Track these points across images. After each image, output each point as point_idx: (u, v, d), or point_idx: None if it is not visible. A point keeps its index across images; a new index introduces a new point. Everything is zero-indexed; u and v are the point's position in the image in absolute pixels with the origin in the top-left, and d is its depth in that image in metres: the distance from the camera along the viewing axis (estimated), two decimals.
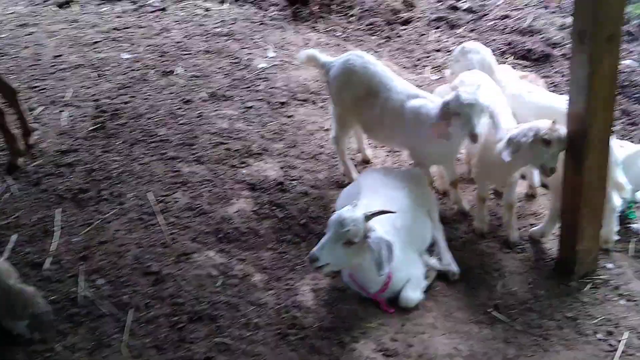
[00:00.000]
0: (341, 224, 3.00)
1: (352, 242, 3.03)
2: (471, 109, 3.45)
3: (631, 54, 6.82)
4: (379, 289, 3.29)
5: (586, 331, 3.29)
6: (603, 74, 3.07)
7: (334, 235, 3.01)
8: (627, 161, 3.92)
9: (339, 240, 3.02)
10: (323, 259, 2.99)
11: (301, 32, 7.16)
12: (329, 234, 3.03)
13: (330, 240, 3.02)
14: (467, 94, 3.49)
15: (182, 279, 3.40)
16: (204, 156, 4.49)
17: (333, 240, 3.02)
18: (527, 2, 8.70)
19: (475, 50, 4.43)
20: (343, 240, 3.02)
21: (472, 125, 3.45)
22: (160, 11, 7.48)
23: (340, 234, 3.00)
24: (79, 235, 3.77)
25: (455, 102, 3.49)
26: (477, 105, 3.46)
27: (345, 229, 2.99)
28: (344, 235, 3.00)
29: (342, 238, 3.01)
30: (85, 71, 5.82)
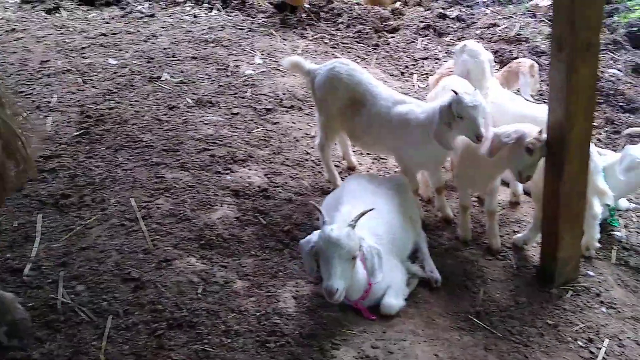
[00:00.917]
0: (339, 245, 2.93)
1: (355, 257, 3.01)
2: (475, 111, 3.43)
3: (617, 63, 6.88)
4: (359, 297, 3.28)
5: (567, 338, 3.30)
6: (582, 81, 3.09)
7: (338, 258, 2.94)
8: (608, 169, 3.94)
9: (345, 260, 2.96)
10: (340, 286, 2.93)
11: (289, 39, 7.18)
12: (332, 260, 2.93)
13: (337, 264, 2.93)
14: (469, 96, 3.48)
15: (162, 285, 3.37)
16: (188, 162, 4.48)
17: (339, 263, 2.94)
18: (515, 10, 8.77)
19: (474, 52, 4.44)
20: (349, 259, 2.98)
21: (477, 126, 3.42)
22: (148, 17, 7.48)
23: (344, 254, 2.94)
24: (59, 241, 3.74)
25: (458, 105, 3.47)
26: (480, 106, 3.46)
27: (346, 248, 2.94)
28: (348, 254, 2.96)
29: (346, 257, 2.96)
30: (71, 77, 5.81)
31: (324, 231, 3.00)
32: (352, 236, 2.99)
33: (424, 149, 3.84)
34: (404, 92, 6.02)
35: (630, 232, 4.21)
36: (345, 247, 2.94)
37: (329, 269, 2.95)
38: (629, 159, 3.85)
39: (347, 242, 2.95)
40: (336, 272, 2.93)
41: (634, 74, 6.68)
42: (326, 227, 3.02)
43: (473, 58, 4.40)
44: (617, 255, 3.97)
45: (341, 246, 2.94)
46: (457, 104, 3.46)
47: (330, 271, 2.94)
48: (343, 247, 2.94)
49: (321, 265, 3.04)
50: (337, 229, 2.98)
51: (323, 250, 2.98)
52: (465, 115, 3.44)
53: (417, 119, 3.80)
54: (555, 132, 3.31)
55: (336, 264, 2.94)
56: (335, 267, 2.93)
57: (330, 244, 2.94)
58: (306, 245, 3.13)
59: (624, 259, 3.96)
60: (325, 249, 2.96)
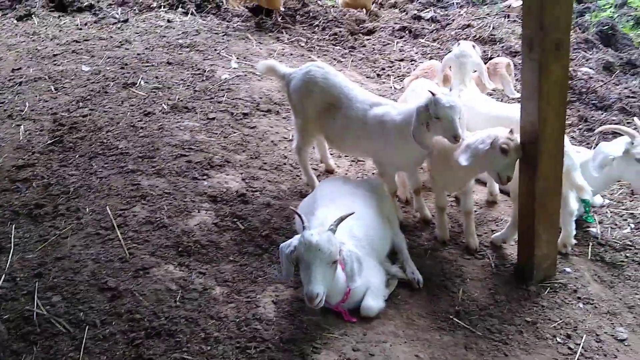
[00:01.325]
0: (319, 249, 2.91)
1: (335, 261, 3.00)
2: (451, 111, 3.45)
3: (589, 62, 6.98)
4: (339, 300, 3.27)
5: (545, 335, 3.32)
6: (553, 80, 3.13)
7: (319, 263, 2.92)
8: (582, 166, 3.99)
9: (326, 265, 2.95)
10: (321, 291, 2.91)
11: (265, 43, 7.17)
12: (313, 265, 2.92)
13: (318, 269, 2.92)
14: (445, 96, 3.50)
15: (140, 294, 3.33)
16: (164, 169, 4.44)
17: (320, 268, 2.92)
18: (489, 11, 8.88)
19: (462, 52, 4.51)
20: (329, 264, 2.96)
21: (454, 127, 3.45)
22: (122, 23, 7.41)
23: (324, 258, 2.93)
24: (34, 251, 3.68)
25: (436, 106, 3.48)
26: (457, 106, 3.48)
27: (326, 253, 2.93)
28: (329, 258, 2.95)
29: (327, 261, 2.94)
30: (43, 84, 5.73)
31: (304, 236, 2.97)
32: (332, 241, 2.98)
33: (401, 150, 3.86)
34: (380, 94, 6.06)
35: (605, 228, 4.27)
36: (326, 252, 2.93)
37: (309, 274, 2.93)
38: (602, 156, 3.90)
39: (327, 247, 2.93)
40: (316, 277, 2.91)
41: (606, 72, 6.80)
42: (306, 232, 3.00)
43: (458, 58, 4.45)
44: (593, 251, 4.02)
45: (322, 251, 2.92)
46: (434, 105, 3.48)
47: (310, 276, 2.92)
48: (324, 252, 2.93)
49: (301, 270, 3.02)
50: (318, 234, 2.96)
51: (303, 255, 2.95)
52: (442, 115, 3.46)
53: (393, 120, 3.81)
54: (528, 131, 3.35)
55: (317, 269, 2.92)
56: (315, 272, 2.91)
57: (311, 249, 2.93)
58: (286, 249, 3.11)
59: (599, 254, 4.01)
60: (305, 254, 2.94)
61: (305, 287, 2.94)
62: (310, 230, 3.00)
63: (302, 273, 3.01)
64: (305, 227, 3.05)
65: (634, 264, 3.93)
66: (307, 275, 2.95)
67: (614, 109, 5.90)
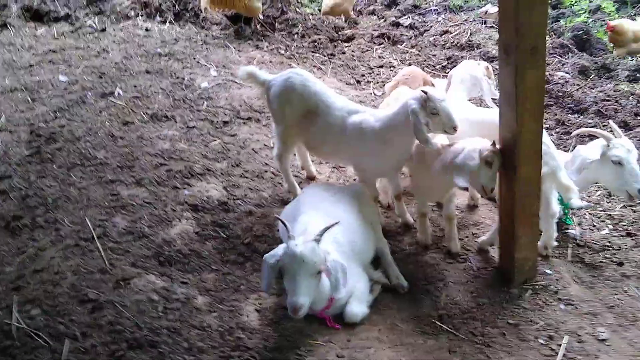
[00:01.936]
0: (304, 260, 2.91)
1: (320, 271, 3.00)
2: (446, 103, 3.56)
3: (564, 66, 7.09)
4: (323, 306, 3.27)
5: (528, 337, 3.35)
6: (529, 85, 3.17)
7: (304, 273, 2.92)
8: None
9: (310, 275, 2.95)
10: (305, 301, 2.91)
11: (244, 51, 7.16)
12: (297, 275, 2.92)
13: (303, 280, 2.92)
14: (437, 92, 3.60)
15: (121, 305, 3.28)
16: (144, 178, 4.39)
17: (305, 279, 2.92)
18: (466, 17, 8.98)
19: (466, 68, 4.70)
20: (314, 274, 2.96)
21: (453, 118, 3.54)
22: (99, 32, 7.35)
23: (309, 269, 2.93)
24: (12, 264, 3.62)
25: (433, 102, 3.53)
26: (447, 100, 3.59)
27: (311, 264, 2.93)
28: (313, 268, 2.95)
29: (312, 272, 2.95)
30: (20, 95, 5.65)
31: (289, 247, 2.97)
32: (317, 251, 2.98)
33: (380, 156, 3.88)
34: (360, 101, 6.10)
35: (584, 229, 4.32)
36: (310, 263, 2.93)
37: (293, 284, 2.92)
38: (580, 159, 3.96)
39: (312, 258, 2.93)
40: (301, 288, 2.91)
41: (581, 76, 6.91)
42: (291, 242, 2.99)
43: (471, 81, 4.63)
44: (573, 253, 4.07)
45: (306, 262, 2.92)
46: (431, 101, 3.54)
47: (295, 287, 2.92)
48: (308, 264, 2.93)
49: (285, 281, 3.01)
50: (303, 245, 2.96)
51: (288, 266, 2.95)
52: (439, 109, 3.53)
53: (371, 127, 3.83)
54: (507, 135, 3.38)
55: (301, 279, 2.92)
56: (300, 283, 2.91)
57: (296, 260, 2.92)
58: (270, 259, 3.09)
59: (579, 256, 4.05)
60: (290, 265, 2.94)
61: (289, 298, 2.94)
62: (295, 241, 2.99)
63: (287, 283, 3.00)
64: (290, 235, 3.04)
65: (612, 265, 3.99)
66: (291, 286, 2.94)
67: (590, 112, 5.99)
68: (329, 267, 3.05)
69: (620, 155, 3.82)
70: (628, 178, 3.82)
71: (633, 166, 3.83)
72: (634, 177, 3.81)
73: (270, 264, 3.07)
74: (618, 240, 4.20)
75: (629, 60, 7.53)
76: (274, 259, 3.07)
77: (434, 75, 6.85)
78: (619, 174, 3.86)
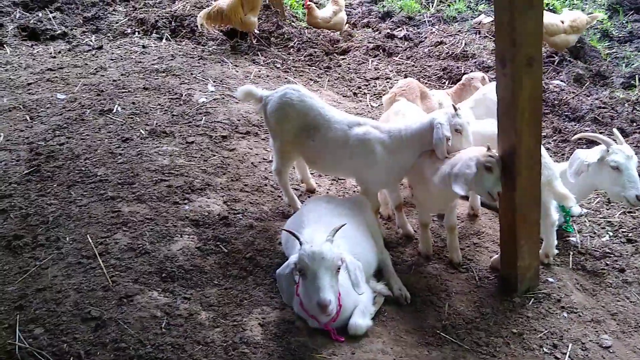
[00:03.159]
0: (323, 257, 3.01)
1: (339, 269, 3.08)
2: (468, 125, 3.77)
3: (559, 74, 7.14)
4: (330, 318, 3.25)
5: (532, 345, 3.36)
6: (527, 95, 3.20)
7: (325, 271, 3.01)
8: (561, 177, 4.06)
9: (332, 272, 3.04)
10: (332, 297, 2.99)
11: (241, 66, 7.19)
12: (319, 273, 3.00)
13: (326, 277, 3.00)
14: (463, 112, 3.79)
15: (124, 322, 3.28)
16: (144, 194, 4.40)
17: (328, 275, 3.01)
18: (460, 28, 9.04)
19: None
20: (334, 270, 3.05)
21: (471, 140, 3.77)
22: (96, 50, 7.37)
23: (329, 265, 3.02)
24: (14, 283, 3.60)
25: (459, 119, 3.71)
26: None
27: (330, 260, 3.01)
28: (333, 264, 3.03)
29: (332, 268, 3.04)
30: (18, 114, 5.64)
31: (305, 249, 3.04)
32: (332, 248, 3.07)
33: (385, 168, 3.90)
34: (358, 112, 6.13)
35: (585, 237, 4.34)
36: (329, 260, 3.02)
37: (317, 282, 2.99)
38: (578, 162, 3.98)
39: (330, 254, 3.03)
40: (325, 284, 2.98)
41: (577, 84, 6.96)
42: (305, 244, 3.07)
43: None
44: (574, 260, 4.08)
45: (326, 259, 3.01)
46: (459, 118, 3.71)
47: (319, 284, 2.98)
48: (327, 260, 3.01)
49: (307, 282, 3.06)
50: (317, 244, 3.05)
51: (308, 266, 3.02)
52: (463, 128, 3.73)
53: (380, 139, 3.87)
54: (505, 145, 3.41)
55: (324, 276, 3.00)
56: (324, 280, 2.99)
57: (315, 258, 3.01)
58: (285, 271, 3.16)
59: (580, 263, 4.07)
60: (310, 265, 3.01)
61: (316, 296, 2.99)
62: (309, 243, 3.08)
63: (309, 285, 3.05)
64: (301, 242, 3.11)
65: (614, 272, 4.00)
66: (314, 285, 3.01)
67: (586, 120, 6.03)
68: (347, 265, 3.13)
69: (618, 161, 3.84)
70: (626, 184, 3.83)
71: (631, 172, 3.84)
72: (632, 183, 3.82)
73: (286, 275, 3.14)
74: (619, 247, 4.22)
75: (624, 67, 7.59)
76: (288, 268, 3.14)
77: (430, 86, 6.89)
78: (617, 180, 3.87)
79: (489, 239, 4.31)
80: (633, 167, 3.85)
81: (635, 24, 9.09)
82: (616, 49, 8.31)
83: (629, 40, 8.60)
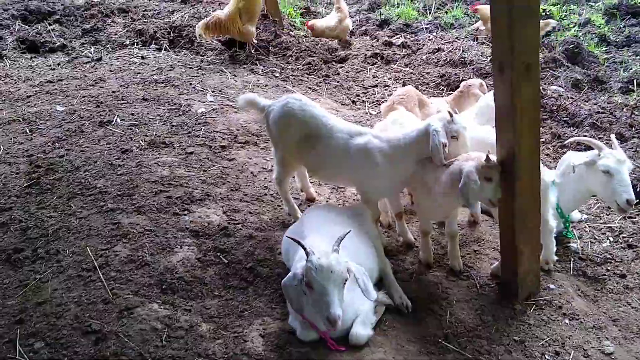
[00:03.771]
0: (332, 271, 2.96)
1: (346, 280, 3.04)
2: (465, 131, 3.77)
3: (557, 80, 7.15)
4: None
5: (534, 353, 3.34)
6: (525, 101, 3.20)
7: (333, 285, 2.96)
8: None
9: (340, 285, 3.00)
10: (341, 312, 2.94)
11: (240, 75, 7.21)
12: (328, 287, 2.94)
13: (335, 290, 2.95)
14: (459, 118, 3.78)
15: (125, 335, 3.27)
16: (144, 206, 4.39)
17: (336, 289, 2.97)
18: (457, 35, 9.07)
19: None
20: (342, 283, 3.01)
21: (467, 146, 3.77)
22: (95, 61, 7.39)
23: (337, 279, 2.97)
24: (14, 297, 3.59)
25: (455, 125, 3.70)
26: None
27: (338, 273, 2.97)
28: (341, 278, 2.99)
29: (340, 281, 2.99)
30: (18, 126, 5.66)
31: (313, 262, 2.99)
32: (340, 260, 3.03)
33: (387, 177, 3.89)
34: (357, 120, 6.14)
35: (585, 242, 4.33)
36: (338, 273, 2.98)
37: (326, 297, 2.94)
38: (565, 163, 4.00)
39: (338, 267, 2.98)
40: (334, 299, 2.94)
41: (575, 89, 6.97)
42: (313, 257, 3.02)
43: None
44: (575, 266, 4.07)
45: (335, 272, 2.97)
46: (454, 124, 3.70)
47: (328, 299, 2.94)
48: (336, 273, 2.97)
49: (315, 295, 3.01)
50: (325, 257, 3.00)
51: (317, 280, 2.97)
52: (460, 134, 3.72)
53: (380, 149, 3.85)
54: (504, 151, 3.41)
55: (333, 290, 2.96)
56: (333, 294, 2.95)
57: (324, 272, 2.96)
58: (292, 282, 3.11)
59: (581, 269, 4.06)
60: (319, 279, 2.97)
61: (326, 312, 2.93)
62: (317, 255, 3.02)
63: (317, 299, 3.00)
64: (307, 252, 3.06)
65: (615, 277, 3.99)
66: (323, 300, 2.96)
67: (585, 125, 6.03)
68: (354, 272, 3.09)
69: (609, 165, 3.81)
70: (617, 188, 3.80)
71: (623, 176, 3.80)
72: (623, 187, 3.79)
73: (295, 286, 3.09)
74: (619, 253, 4.21)
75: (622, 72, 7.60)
76: (296, 279, 3.09)
77: (429, 93, 6.90)
78: (608, 184, 3.85)
79: (490, 245, 4.30)
80: (625, 171, 3.82)
81: (632, 28, 9.12)
82: (614, 54, 8.33)
83: (626, 44, 8.62)
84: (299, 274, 3.08)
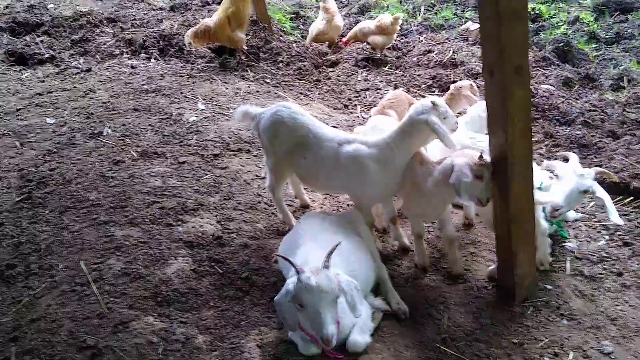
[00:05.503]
0: (322, 291, 2.92)
1: (338, 296, 3.01)
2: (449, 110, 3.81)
3: (548, 79, 7.16)
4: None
5: (533, 355, 3.33)
6: (517, 103, 3.19)
7: (325, 304, 2.92)
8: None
9: (332, 304, 2.96)
10: (334, 331, 2.92)
11: (230, 82, 7.18)
12: (320, 307, 2.91)
13: (326, 309, 2.92)
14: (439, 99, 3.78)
15: (120, 350, 3.24)
16: (137, 217, 4.36)
17: (329, 309, 2.93)
18: (447, 36, 9.07)
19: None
20: (334, 301, 2.97)
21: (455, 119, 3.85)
22: (85, 72, 7.35)
23: (328, 298, 2.94)
24: (8, 314, 3.56)
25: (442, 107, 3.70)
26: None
27: (329, 292, 2.93)
28: (333, 296, 2.96)
29: (331, 299, 2.96)
30: (8, 140, 5.62)
31: (303, 281, 2.95)
32: (330, 278, 2.99)
33: (379, 182, 3.87)
34: (349, 125, 6.12)
35: (581, 241, 4.32)
36: (329, 292, 2.94)
37: (318, 317, 2.92)
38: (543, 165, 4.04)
39: (329, 286, 2.94)
40: (327, 318, 2.91)
41: (566, 88, 6.97)
42: (303, 276, 2.97)
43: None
44: (572, 266, 4.06)
45: (325, 291, 2.93)
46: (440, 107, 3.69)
47: (321, 320, 2.91)
48: (327, 292, 2.93)
49: (306, 315, 2.99)
50: (315, 276, 2.95)
51: (308, 300, 2.94)
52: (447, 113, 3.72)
53: (369, 154, 3.82)
54: (497, 153, 3.40)
55: (325, 310, 2.92)
56: (325, 314, 2.91)
57: (314, 292, 2.92)
58: (284, 298, 3.06)
59: (578, 269, 4.05)
60: (310, 299, 2.93)
61: (319, 332, 2.91)
62: (307, 274, 2.97)
63: (310, 318, 2.97)
64: (298, 269, 3.01)
65: (612, 275, 3.98)
66: (316, 319, 2.93)
67: (577, 123, 6.03)
68: (343, 287, 3.05)
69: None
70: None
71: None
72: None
73: (288, 303, 3.05)
74: (615, 251, 4.20)
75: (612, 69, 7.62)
76: (288, 296, 3.04)
77: (420, 95, 6.89)
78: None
79: (485, 247, 4.29)
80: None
81: (621, 24, 9.14)
82: (604, 51, 8.35)
83: (615, 41, 8.64)
84: (290, 292, 3.03)
